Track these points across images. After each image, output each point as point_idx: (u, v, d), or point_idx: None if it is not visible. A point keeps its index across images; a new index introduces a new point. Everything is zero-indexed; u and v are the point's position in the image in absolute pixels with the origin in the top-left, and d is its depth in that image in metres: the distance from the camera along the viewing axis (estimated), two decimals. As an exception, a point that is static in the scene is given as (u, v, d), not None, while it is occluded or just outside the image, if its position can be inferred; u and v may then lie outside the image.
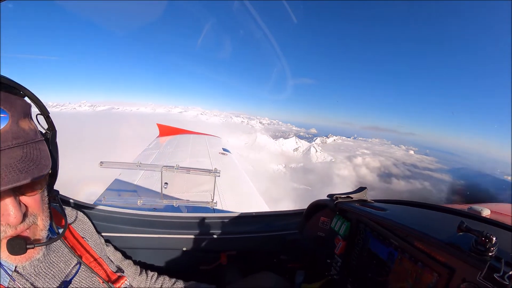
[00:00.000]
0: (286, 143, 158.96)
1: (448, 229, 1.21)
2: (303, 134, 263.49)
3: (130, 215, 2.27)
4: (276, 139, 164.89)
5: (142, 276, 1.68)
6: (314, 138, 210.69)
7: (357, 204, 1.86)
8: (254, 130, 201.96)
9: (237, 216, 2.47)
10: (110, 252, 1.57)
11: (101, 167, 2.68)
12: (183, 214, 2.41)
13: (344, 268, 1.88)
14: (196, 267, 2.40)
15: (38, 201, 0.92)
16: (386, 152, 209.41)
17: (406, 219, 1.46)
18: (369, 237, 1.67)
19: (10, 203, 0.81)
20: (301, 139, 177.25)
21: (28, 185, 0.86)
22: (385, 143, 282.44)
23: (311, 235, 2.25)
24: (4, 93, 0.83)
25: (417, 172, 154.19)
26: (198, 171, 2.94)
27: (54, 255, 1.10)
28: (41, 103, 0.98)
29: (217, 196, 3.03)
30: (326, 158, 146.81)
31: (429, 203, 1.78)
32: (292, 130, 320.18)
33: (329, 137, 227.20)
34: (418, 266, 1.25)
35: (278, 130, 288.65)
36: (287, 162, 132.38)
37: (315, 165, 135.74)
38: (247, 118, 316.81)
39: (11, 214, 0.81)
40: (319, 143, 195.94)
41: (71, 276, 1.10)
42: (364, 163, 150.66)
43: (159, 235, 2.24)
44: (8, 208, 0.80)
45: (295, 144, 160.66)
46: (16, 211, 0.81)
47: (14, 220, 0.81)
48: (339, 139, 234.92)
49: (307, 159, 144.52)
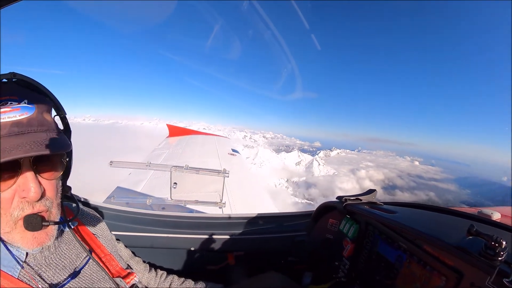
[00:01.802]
0: (288, 157, 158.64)
1: (458, 232, 1.19)
2: (307, 148, 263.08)
3: (139, 214, 2.30)
4: (278, 153, 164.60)
5: (151, 274, 1.71)
6: (318, 151, 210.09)
7: (366, 207, 1.85)
8: (257, 144, 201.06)
9: (245, 217, 2.47)
10: (121, 249, 1.60)
11: (111, 167, 2.72)
12: (192, 214, 2.42)
13: (352, 271, 1.87)
14: (204, 267, 2.42)
15: (54, 187, 0.98)
16: (391, 164, 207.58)
17: (415, 222, 1.44)
18: (377, 239, 1.66)
19: (31, 179, 0.88)
20: (304, 153, 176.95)
21: (47, 169, 0.95)
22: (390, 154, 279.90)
23: (319, 237, 2.24)
24: (30, 91, 0.99)
25: (422, 183, 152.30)
26: (207, 172, 2.96)
27: (66, 247, 1.13)
28: (60, 104, 1.11)
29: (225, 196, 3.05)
30: (329, 172, 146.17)
31: (439, 206, 1.75)
32: (296, 143, 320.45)
33: (332, 150, 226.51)
34: (426, 270, 1.24)
35: (281, 144, 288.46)
36: (289, 176, 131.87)
37: (318, 179, 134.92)
38: (250, 133, 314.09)
39: (31, 190, 0.87)
40: (322, 156, 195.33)
41: (80, 267, 1.12)
42: (367, 176, 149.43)
43: (168, 235, 2.26)
44: (28, 183, 0.87)
45: (298, 158, 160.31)
46: (36, 187, 0.87)
47: (34, 195, 0.87)
48: (342, 152, 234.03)
49: (309, 172, 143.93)
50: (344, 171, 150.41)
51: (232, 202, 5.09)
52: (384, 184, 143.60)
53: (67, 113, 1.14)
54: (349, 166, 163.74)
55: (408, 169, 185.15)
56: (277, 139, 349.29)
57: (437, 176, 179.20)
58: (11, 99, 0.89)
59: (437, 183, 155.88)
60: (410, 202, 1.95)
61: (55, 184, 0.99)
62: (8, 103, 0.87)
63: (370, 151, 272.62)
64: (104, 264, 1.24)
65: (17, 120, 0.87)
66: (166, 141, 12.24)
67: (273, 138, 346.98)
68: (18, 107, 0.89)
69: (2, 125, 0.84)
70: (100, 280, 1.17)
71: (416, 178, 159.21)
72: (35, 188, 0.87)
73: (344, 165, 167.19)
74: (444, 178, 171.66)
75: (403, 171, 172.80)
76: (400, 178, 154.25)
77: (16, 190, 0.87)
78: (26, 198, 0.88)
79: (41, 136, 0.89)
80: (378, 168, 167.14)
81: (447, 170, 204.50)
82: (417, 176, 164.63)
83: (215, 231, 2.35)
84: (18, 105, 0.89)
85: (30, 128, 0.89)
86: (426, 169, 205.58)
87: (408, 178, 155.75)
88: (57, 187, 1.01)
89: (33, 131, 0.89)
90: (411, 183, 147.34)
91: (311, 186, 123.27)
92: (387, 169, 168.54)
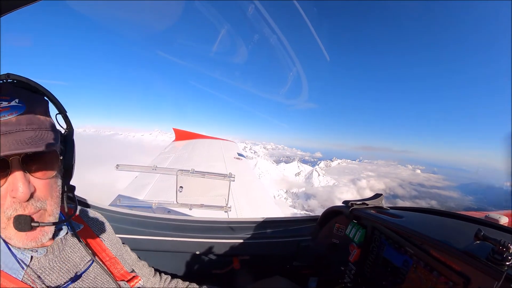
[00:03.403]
0: (288, 167, 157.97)
1: (465, 237, 1.18)
2: (308, 158, 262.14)
3: (144, 218, 2.31)
4: (278, 164, 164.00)
5: (156, 278, 1.70)
6: (318, 162, 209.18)
7: (372, 211, 1.84)
8: (257, 155, 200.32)
9: (250, 221, 2.47)
10: (126, 252, 1.60)
11: (117, 170, 2.75)
12: (197, 217, 2.43)
13: (358, 276, 1.85)
14: (209, 270, 2.42)
15: (47, 187, 0.96)
16: (392, 173, 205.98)
17: (422, 226, 1.43)
18: (384, 244, 1.64)
19: (20, 178, 0.86)
20: (305, 163, 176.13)
21: (38, 167, 0.93)
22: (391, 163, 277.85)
23: (325, 241, 2.23)
24: (25, 90, 0.98)
25: (424, 191, 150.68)
26: (213, 175, 2.97)
27: (70, 251, 1.13)
28: (59, 103, 1.09)
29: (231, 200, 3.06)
30: (329, 182, 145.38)
31: (446, 210, 1.74)
32: (297, 154, 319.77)
33: (333, 160, 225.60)
34: (433, 275, 1.22)
35: (282, 155, 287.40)
36: (289, 187, 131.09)
37: (317, 189, 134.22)
38: (251, 144, 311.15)
39: (19, 189, 0.86)
40: (323, 166, 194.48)
41: (83, 271, 1.12)
42: (368, 186, 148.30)
43: (173, 238, 2.27)
44: (16, 183, 0.86)
45: (297, 169, 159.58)
46: (24, 187, 0.86)
47: (22, 195, 0.86)
48: (343, 162, 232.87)
49: (309, 183, 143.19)
50: (344, 181, 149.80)
51: (237, 206, 5.08)
52: (385, 194, 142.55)
53: (67, 111, 1.12)
54: (350, 176, 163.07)
55: (410, 178, 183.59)
56: (278, 150, 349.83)
57: (439, 183, 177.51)
58: (2, 99, 0.89)
59: (439, 190, 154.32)
60: (417, 206, 1.94)
61: (50, 183, 0.97)
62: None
63: (371, 161, 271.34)
64: (108, 267, 1.24)
65: (6, 119, 0.86)
66: (172, 145, 12.30)
67: (274, 149, 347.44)
68: (8, 107, 0.88)
69: None
70: (103, 284, 1.17)
71: (417, 186, 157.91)
72: (23, 188, 0.86)
73: (344, 175, 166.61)
74: (446, 186, 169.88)
75: (404, 180, 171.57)
76: (402, 187, 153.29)
77: (7, 189, 0.87)
78: (15, 198, 0.87)
79: (28, 135, 0.88)
80: (379, 178, 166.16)
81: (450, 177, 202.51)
82: (418, 185, 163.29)
83: (220, 235, 2.35)
84: (8, 104, 0.89)
85: (19, 127, 0.87)
86: (428, 177, 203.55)
87: (410, 187, 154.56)
88: (51, 184, 0.99)
89: (21, 130, 0.87)
90: (412, 192, 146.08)
91: (310, 197, 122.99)
92: (388, 179, 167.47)
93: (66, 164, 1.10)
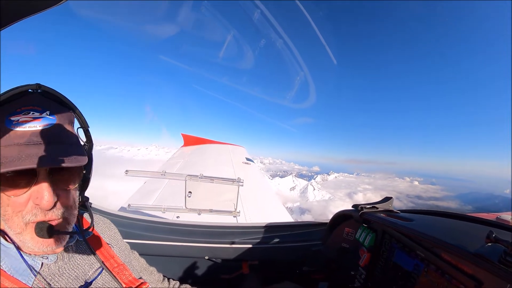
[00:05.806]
0: (282, 182, 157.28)
1: (476, 239, 1.16)
2: (305, 173, 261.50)
3: (153, 223, 2.33)
4: (273, 178, 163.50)
5: (164, 284, 1.71)
6: (315, 176, 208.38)
7: (382, 215, 1.82)
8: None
9: (259, 226, 2.47)
10: (135, 258, 1.61)
11: (126, 175, 2.79)
12: (206, 222, 2.44)
13: (368, 281, 1.83)
14: (218, 275, 2.42)
15: (70, 198, 1.01)
16: (389, 186, 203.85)
17: (432, 229, 1.41)
18: (394, 248, 1.63)
19: (46, 188, 0.89)
20: (302, 178, 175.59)
21: (63, 179, 0.98)
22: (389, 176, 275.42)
23: (335, 246, 2.22)
24: (54, 102, 1.02)
25: (422, 203, 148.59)
26: (221, 180, 2.98)
27: (79, 257, 1.15)
28: (83, 117, 1.14)
29: (240, 205, 3.05)
30: (324, 196, 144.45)
31: (456, 212, 1.71)
32: (294, 168, 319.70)
33: (330, 174, 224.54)
34: (445, 278, 1.21)
35: (279, 170, 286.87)
36: (283, 201, 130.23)
37: (312, 204, 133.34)
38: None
39: (45, 198, 0.89)
40: (319, 180, 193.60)
41: (92, 278, 1.14)
42: (365, 199, 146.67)
43: (182, 243, 2.28)
44: (42, 192, 0.89)
45: (292, 183, 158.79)
46: (49, 197, 0.89)
47: (46, 204, 0.89)
48: (340, 176, 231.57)
49: (304, 198, 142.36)
50: (340, 195, 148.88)
51: (246, 211, 5.07)
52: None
53: (89, 127, 1.17)
54: (346, 190, 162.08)
55: (407, 190, 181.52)
56: (276, 165, 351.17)
57: (437, 194, 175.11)
58: (34, 109, 0.93)
59: (437, 201, 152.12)
60: (427, 209, 1.91)
61: (72, 194, 1.02)
62: (30, 113, 0.91)
63: (369, 174, 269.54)
64: (117, 274, 1.26)
65: (37, 130, 0.90)
66: (181, 151, 12.38)
67: (271, 164, 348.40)
68: (40, 118, 0.92)
69: (22, 133, 0.88)
70: None
71: (414, 198, 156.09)
72: (49, 197, 0.89)
73: (341, 189, 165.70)
74: (445, 196, 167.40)
75: (401, 192, 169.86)
76: (398, 200, 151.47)
77: (31, 195, 0.90)
78: (39, 206, 0.90)
79: (58, 148, 0.91)
80: (376, 191, 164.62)
81: (448, 187, 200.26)
82: (416, 197, 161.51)
83: (229, 240, 2.35)
84: (40, 115, 0.93)
85: (49, 139, 0.91)
86: (426, 188, 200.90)
87: (407, 199, 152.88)
88: (73, 197, 1.03)
89: (52, 142, 0.91)
90: (409, 204, 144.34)
91: (305, 211, 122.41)
92: (385, 191, 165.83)
93: (85, 177, 1.16)
